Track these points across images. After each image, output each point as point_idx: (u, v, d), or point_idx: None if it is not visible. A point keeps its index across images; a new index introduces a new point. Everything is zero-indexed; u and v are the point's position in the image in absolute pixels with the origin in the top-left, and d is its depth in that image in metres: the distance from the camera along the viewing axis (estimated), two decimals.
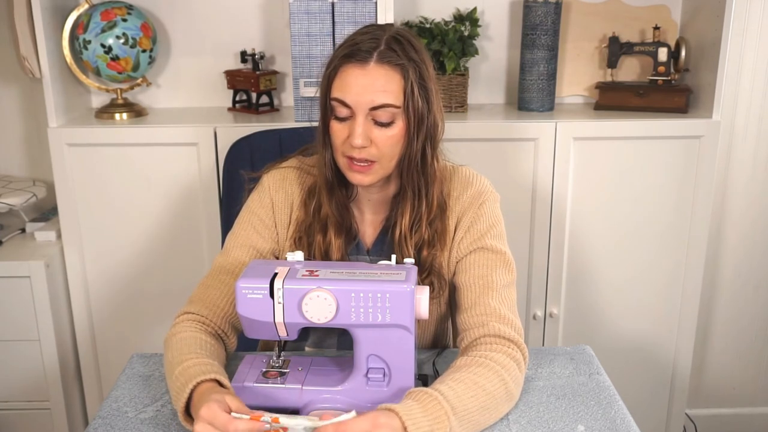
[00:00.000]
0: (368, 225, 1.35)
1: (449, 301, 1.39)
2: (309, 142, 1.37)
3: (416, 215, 1.28)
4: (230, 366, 1.29)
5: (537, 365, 1.30)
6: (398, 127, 1.21)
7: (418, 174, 1.26)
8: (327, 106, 1.23)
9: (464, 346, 1.22)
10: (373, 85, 1.18)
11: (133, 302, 2.06)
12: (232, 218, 1.40)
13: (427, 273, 1.29)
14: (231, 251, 1.32)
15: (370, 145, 1.21)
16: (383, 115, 1.20)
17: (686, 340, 2.17)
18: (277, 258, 1.35)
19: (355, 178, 1.24)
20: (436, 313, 1.36)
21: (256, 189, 1.37)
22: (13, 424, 2.06)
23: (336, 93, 1.21)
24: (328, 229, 1.29)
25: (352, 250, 1.33)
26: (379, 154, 1.22)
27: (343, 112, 1.21)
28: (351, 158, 1.22)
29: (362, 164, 1.22)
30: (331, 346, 1.38)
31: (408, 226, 1.27)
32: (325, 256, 1.30)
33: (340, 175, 1.29)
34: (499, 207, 1.35)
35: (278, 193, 1.35)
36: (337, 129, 1.23)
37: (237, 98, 2.16)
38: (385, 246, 1.33)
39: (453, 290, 1.36)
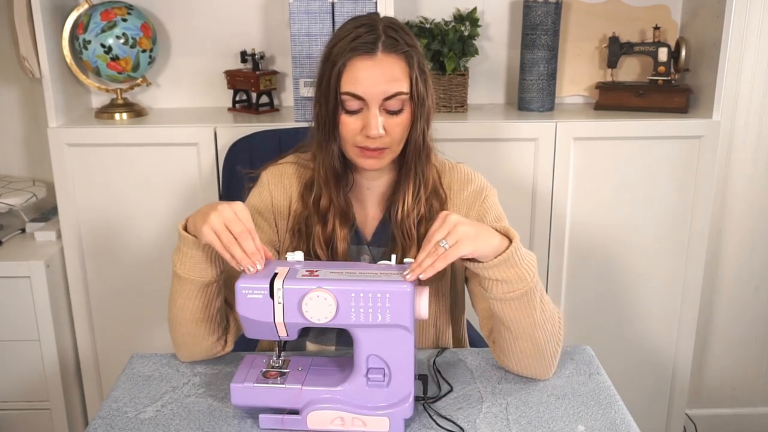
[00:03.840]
0: (367, 216, 1.38)
1: (452, 299, 1.40)
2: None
3: (417, 193, 1.32)
4: (230, 366, 1.29)
5: None
6: (407, 114, 1.26)
7: (419, 154, 1.30)
8: (337, 100, 1.25)
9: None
10: (383, 76, 1.22)
11: (133, 302, 2.06)
12: None
13: None
14: None
15: (385, 133, 1.25)
16: (395, 104, 1.24)
17: (686, 340, 2.17)
18: (278, 251, 1.37)
19: (367, 163, 1.28)
20: (435, 308, 1.37)
21: (256, 186, 1.40)
22: (13, 424, 2.06)
23: (347, 87, 1.23)
24: (327, 220, 1.32)
25: (352, 239, 1.35)
26: (391, 140, 1.26)
27: (354, 105, 1.24)
28: (364, 148, 1.26)
29: (376, 151, 1.26)
30: (330, 337, 1.39)
31: (411, 204, 1.31)
32: (328, 247, 1.32)
33: (342, 165, 1.32)
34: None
35: (277, 187, 1.38)
36: (349, 122, 1.25)
37: (237, 98, 2.16)
38: (385, 236, 1.35)
39: (462, 288, 1.39)
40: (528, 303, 1.15)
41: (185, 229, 1.19)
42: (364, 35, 1.23)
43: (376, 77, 1.22)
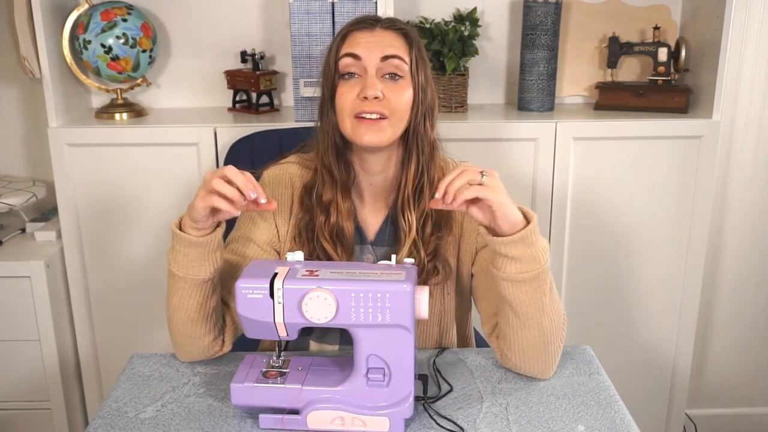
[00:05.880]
0: (371, 214, 1.37)
1: (457, 297, 1.40)
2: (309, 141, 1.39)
3: (419, 182, 1.31)
4: (230, 366, 1.29)
5: None
6: (407, 86, 1.26)
7: (420, 142, 1.30)
8: (335, 69, 1.27)
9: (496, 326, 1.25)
10: (382, 41, 1.26)
11: (133, 302, 2.06)
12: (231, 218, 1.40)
13: (432, 256, 1.31)
14: (229, 243, 1.36)
15: (383, 98, 1.25)
16: (393, 68, 1.25)
17: (686, 340, 2.17)
18: (278, 252, 1.36)
19: (365, 138, 1.25)
20: (440, 307, 1.36)
21: None
22: (13, 424, 2.06)
23: (345, 50, 1.26)
24: (331, 212, 1.31)
25: (355, 239, 1.35)
26: (392, 109, 1.25)
27: (352, 67, 1.26)
28: (361, 117, 1.24)
29: (374, 117, 1.24)
30: (334, 337, 1.39)
31: (412, 187, 1.30)
32: (333, 235, 1.31)
33: (343, 149, 1.32)
34: None
35: (278, 187, 1.38)
36: (346, 90, 1.26)
37: (237, 98, 2.16)
38: (388, 236, 1.34)
39: (468, 285, 1.38)
40: (539, 287, 1.15)
41: (180, 228, 1.19)
42: (364, 17, 1.30)
43: (374, 41, 1.26)
